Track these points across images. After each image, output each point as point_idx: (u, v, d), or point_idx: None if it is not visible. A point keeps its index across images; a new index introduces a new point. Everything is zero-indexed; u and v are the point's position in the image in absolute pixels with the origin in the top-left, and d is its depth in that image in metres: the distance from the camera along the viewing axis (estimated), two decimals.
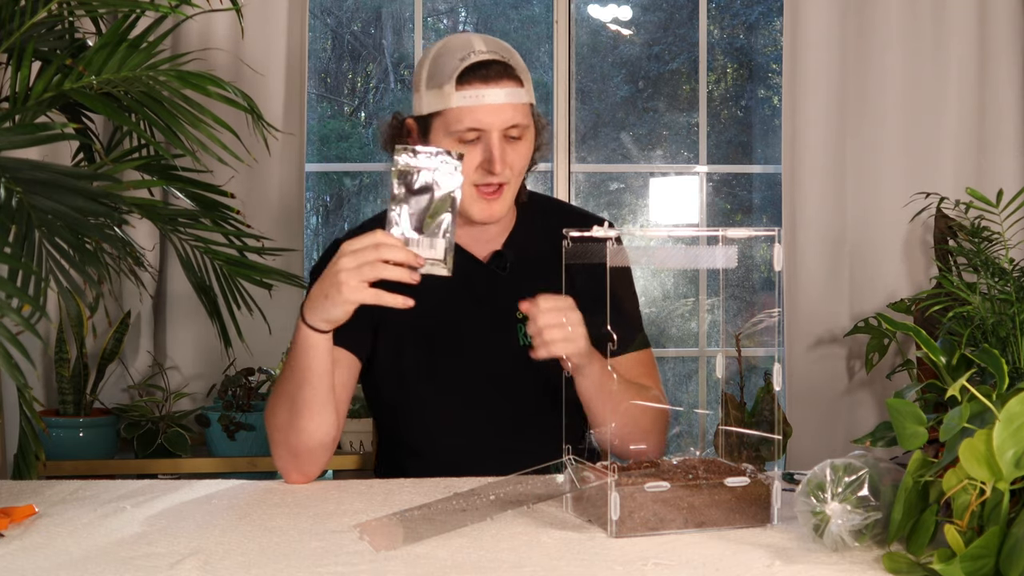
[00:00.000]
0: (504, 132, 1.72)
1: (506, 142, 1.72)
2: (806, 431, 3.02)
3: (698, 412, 3.18)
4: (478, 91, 1.70)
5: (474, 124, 1.70)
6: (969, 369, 1.37)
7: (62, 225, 1.51)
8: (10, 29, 1.90)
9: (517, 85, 1.72)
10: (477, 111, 1.70)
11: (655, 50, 3.91)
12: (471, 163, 1.72)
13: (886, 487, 1.23)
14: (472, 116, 1.70)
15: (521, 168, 1.76)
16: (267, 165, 2.89)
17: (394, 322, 1.77)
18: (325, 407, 1.63)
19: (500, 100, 1.70)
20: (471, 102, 1.70)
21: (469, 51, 1.72)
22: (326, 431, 1.64)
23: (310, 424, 1.63)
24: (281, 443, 1.66)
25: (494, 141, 1.71)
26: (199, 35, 2.92)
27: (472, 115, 1.70)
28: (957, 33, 3.06)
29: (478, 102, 1.70)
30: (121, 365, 2.91)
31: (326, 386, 1.62)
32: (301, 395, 1.62)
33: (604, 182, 3.85)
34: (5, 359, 1.31)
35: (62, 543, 1.28)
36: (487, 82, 1.70)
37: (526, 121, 1.74)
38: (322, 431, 1.64)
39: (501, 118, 1.71)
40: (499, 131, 1.71)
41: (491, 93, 1.70)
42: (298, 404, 1.63)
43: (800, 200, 3.07)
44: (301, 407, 1.62)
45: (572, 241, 1.45)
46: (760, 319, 1.63)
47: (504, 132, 1.72)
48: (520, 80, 1.73)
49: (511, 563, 1.19)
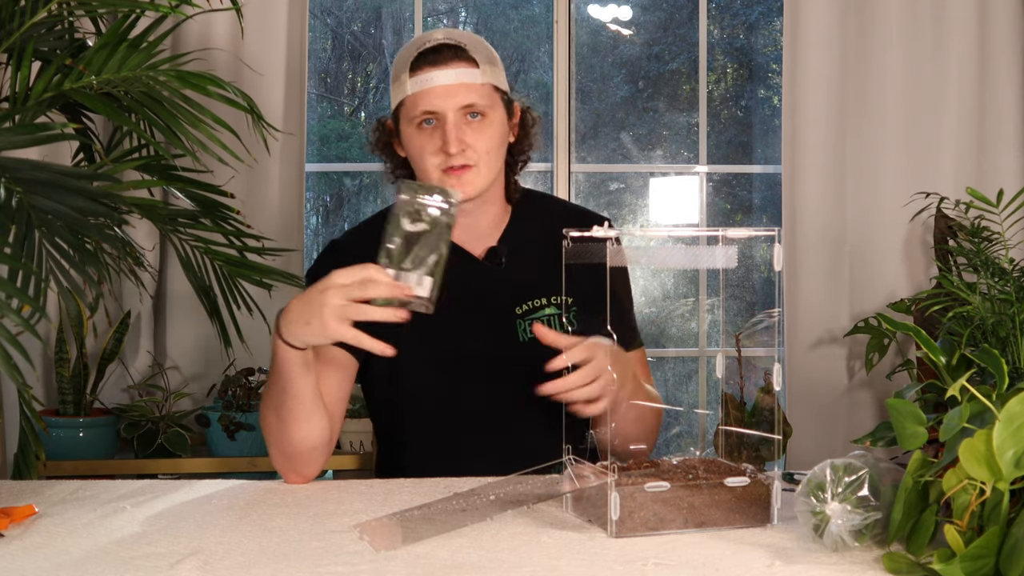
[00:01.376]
0: (462, 113, 1.72)
1: (465, 123, 1.73)
2: (806, 431, 3.02)
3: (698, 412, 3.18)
4: (428, 74, 1.72)
5: (427, 107, 1.72)
6: (969, 369, 1.37)
7: (62, 225, 1.51)
8: (10, 29, 1.90)
9: (470, 66, 1.73)
10: (429, 94, 1.72)
11: (655, 50, 3.91)
12: (430, 147, 1.73)
13: (886, 487, 1.23)
14: (425, 100, 1.72)
15: (487, 149, 1.75)
16: (267, 165, 2.89)
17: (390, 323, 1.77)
18: (313, 413, 1.63)
19: (450, 80, 1.71)
20: (422, 86, 1.72)
21: (426, 41, 1.74)
22: (317, 435, 1.64)
23: (300, 431, 1.63)
24: (275, 447, 1.66)
25: (448, 121, 1.71)
26: (199, 35, 2.92)
27: (425, 99, 1.72)
28: (957, 33, 3.06)
29: (429, 84, 1.71)
30: (121, 365, 2.91)
31: (309, 395, 1.62)
32: (286, 405, 1.62)
33: (604, 182, 3.85)
34: (5, 359, 1.31)
35: (62, 543, 1.28)
36: (436, 65, 1.72)
37: (485, 101, 1.74)
38: (313, 436, 1.64)
39: (454, 100, 1.71)
40: (453, 112, 1.72)
41: (440, 75, 1.71)
42: (283, 413, 1.63)
43: (800, 200, 3.07)
44: (287, 416, 1.62)
45: (572, 241, 1.45)
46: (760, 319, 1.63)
47: (462, 113, 1.72)
48: (474, 61, 1.74)
49: (511, 563, 1.19)
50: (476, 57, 1.74)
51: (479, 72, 1.74)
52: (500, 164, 1.81)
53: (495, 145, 1.77)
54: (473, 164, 1.74)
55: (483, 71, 1.74)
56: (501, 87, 1.79)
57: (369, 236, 1.82)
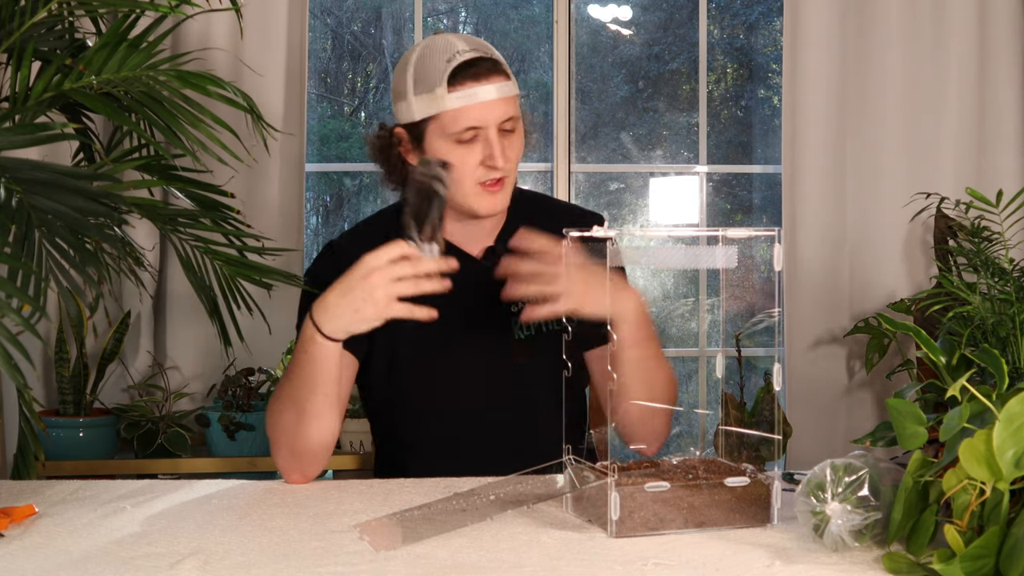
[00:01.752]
0: (500, 127, 1.73)
1: (502, 136, 1.74)
2: (806, 431, 3.02)
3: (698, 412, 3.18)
4: (471, 90, 1.70)
5: (471, 123, 1.71)
6: (969, 369, 1.37)
7: (62, 225, 1.51)
8: (10, 29, 1.90)
9: (506, 79, 1.74)
10: (473, 110, 1.71)
11: (655, 50, 3.91)
12: (471, 161, 1.72)
13: (886, 487, 1.23)
14: (469, 115, 1.71)
15: (517, 159, 1.78)
16: (267, 165, 2.89)
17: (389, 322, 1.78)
18: (332, 411, 1.65)
19: (493, 96, 1.71)
20: (466, 101, 1.71)
21: (454, 52, 1.72)
22: (330, 434, 1.66)
23: (318, 429, 1.64)
24: (284, 445, 1.66)
25: (493, 137, 1.71)
26: (199, 35, 2.92)
27: (468, 114, 1.71)
28: (957, 33, 3.06)
29: (473, 100, 1.71)
30: (121, 365, 2.91)
31: (335, 392, 1.64)
32: (312, 401, 1.62)
33: (604, 182, 3.85)
34: (5, 359, 1.31)
35: (62, 543, 1.28)
36: (479, 79, 1.71)
37: (517, 113, 1.76)
38: (326, 433, 1.65)
39: (495, 113, 1.72)
40: (495, 126, 1.72)
41: (484, 90, 1.71)
42: (307, 410, 1.63)
43: (800, 200, 3.07)
44: (311, 413, 1.63)
45: (572, 241, 1.45)
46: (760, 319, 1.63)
47: (500, 127, 1.73)
48: (507, 74, 1.75)
49: (511, 563, 1.19)
50: (507, 70, 1.75)
51: (512, 85, 1.75)
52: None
53: (520, 156, 1.80)
54: (506, 176, 1.75)
55: (513, 83, 1.76)
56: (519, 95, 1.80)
57: (367, 236, 1.82)
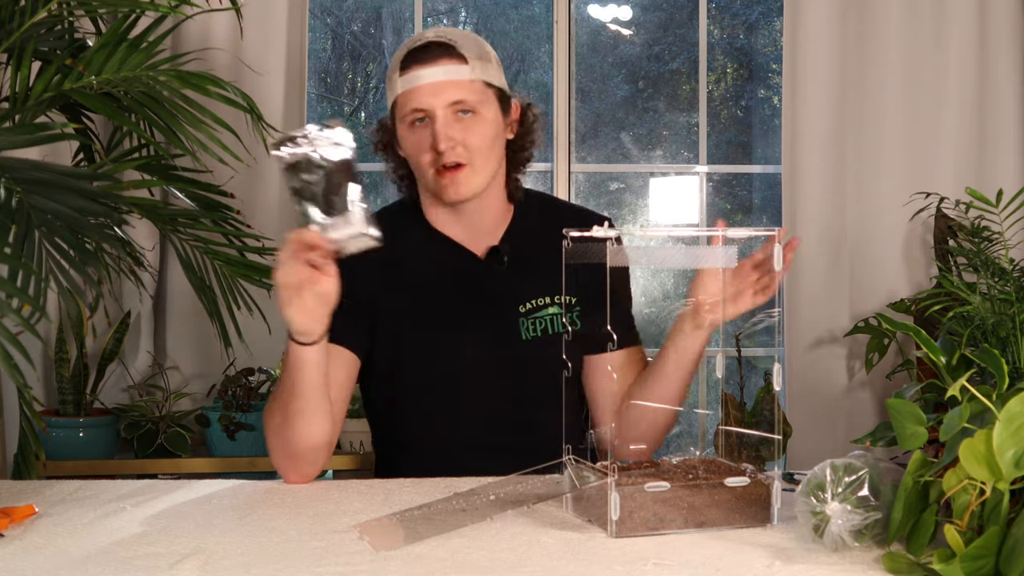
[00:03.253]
0: (452, 110, 1.72)
1: (455, 120, 1.72)
2: (806, 431, 3.01)
3: (698, 412, 3.18)
4: (416, 72, 1.72)
5: (416, 105, 1.72)
6: (969, 369, 1.37)
7: (62, 225, 1.51)
8: (10, 29, 1.90)
9: (458, 62, 1.72)
10: (417, 92, 1.72)
11: (655, 50, 3.91)
12: (424, 145, 1.73)
13: (886, 487, 1.23)
14: (414, 98, 1.72)
15: (479, 147, 1.74)
16: (267, 165, 2.89)
17: (391, 318, 1.77)
18: (317, 414, 1.62)
19: (438, 78, 1.71)
20: (411, 84, 1.72)
21: (416, 40, 1.75)
22: (320, 435, 1.64)
23: (303, 431, 1.63)
24: (277, 446, 1.66)
25: (438, 119, 1.71)
26: (199, 35, 2.91)
27: (414, 97, 1.72)
28: (957, 33, 3.06)
29: (416, 83, 1.72)
30: (121, 365, 2.91)
31: (318, 396, 1.61)
32: (293, 404, 1.61)
33: (604, 182, 3.85)
34: (5, 359, 1.31)
35: (62, 543, 1.28)
36: (424, 63, 1.72)
37: (476, 98, 1.73)
38: (315, 436, 1.63)
39: (441, 96, 1.71)
40: (443, 109, 1.71)
41: (428, 72, 1.71)
42: (290, 412, 1.62)
43: (800, 200, 3.07)
44: (294, 415, 1.62)
45: (572, 241, 1.45)
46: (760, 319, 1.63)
47: (452, 110, 1.72)
48: (463, 58, 1.73)
49: (511, 563, 1.19)
50: (465, 54, 1.73)
51: (468, 68, 1.73)
52: (496, 162, 1.80)
53: (487, 143, 1.75)
54: (466, 162, 1.73)
55: (472, 67, 1.73)
56: (495, 83, 1.77)
57: None
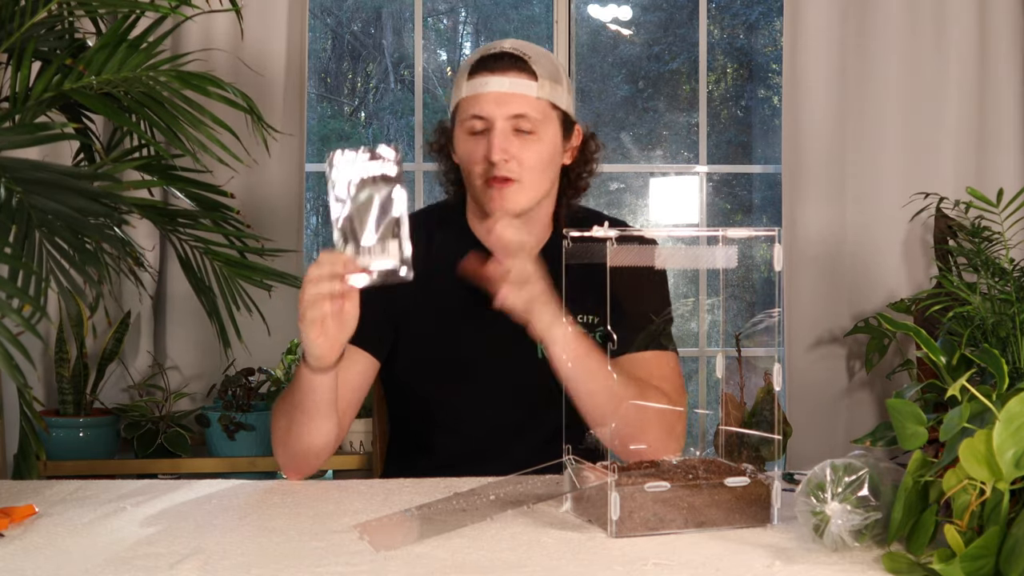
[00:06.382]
0: (512, 124, 1.70)
1: (514, 135, 1.70)
2: (806, 431, 3.02)
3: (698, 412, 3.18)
4: (484, 79, 1.70)
5: (478, 112, 1.70)
6: (969, 369, 1.37)
7: (62, 225, 1.51)
8: (10, 29, 1.90)
9: (528, 78, 1.70)
10: (481, 99, 1.70)
11: (655, 50, 3.91)
12: (478, 154, 1.71)
13: (886, 487, 1.23)
14: (476, 104, 1.70)
15: (532, 166, 1.71)
16: (267, 165, 2.89)
17: (414, 323, 1.77)
18: (324, 422, 1.63)
19: (503, 88, 1.69)
20: (475, 90, 1.70)
21: (491, 48, 1.72)
22: (324, 440, 1.65)
23: (307, 436, 1.64)
24: (280, 443, 1.67)
25: (496, 130, 1.69)
26: (199, 36, 2.92)
27: (476, 103, 1.70)
28: (957, 33, 3.06)
29: (482, 89, 1.70)
30: (121, 365, 2.91)
31: (325, 411, 1.62)
32: (299, 417, 1.62)
33: (604, 182, 3.85)
34: (5, 359, 1.31)
35: (62, 543, 1.28)
36: (494, 71, 1.70)
37: (538, 116, 1.71)
38: (320, 440, 1.64)
39: (504, 108, 1.69)
40: (503, 120, 1.69)
41: (495, 81, 1.69)
42: (295, 422, 1.63)
43: (800, 200, 3.07)
44: (299, 426, 1.63)
45: (572, 241, 1.45)
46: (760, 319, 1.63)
47: (512, 124, 1.70)
48: (534, 74, 1.70)
49: (511, 563, 1.19)
50: (537, 70, 1.70)
51: (536, 85, 1.70)
52: (548, 184, 1.77)
53: (542, 163, 1.73)
54: (516, 179, 1.70)
55: (541, 85, 1.70)
56: (561, 106, 1.74)
57: None
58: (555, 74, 1.74)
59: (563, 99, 1.75)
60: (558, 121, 1.75)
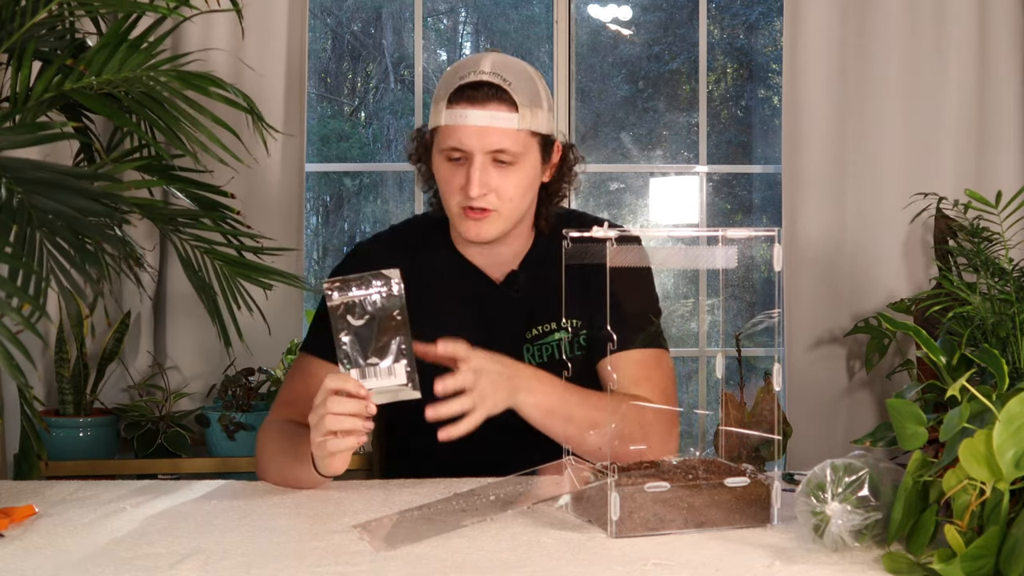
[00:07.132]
0: (491, 156, 1.68)
1: (493, 167, 1.69)
2: (806, 431, 3.02)
3: (698, 412, 3.18)
4: (463, 111, 1.68)
5: (456, 144, 1.68)
6: (969, 369, 1.37)
7: (62, 225, 1.51)
8: (10, 29, 1.90)
9: (508, 110, 1.68)
10: (459, 131, 1.68)
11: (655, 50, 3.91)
12: (456, 183, 1.70)
13: (886, 487, 1.23)
14: (455, 136, 1.68)
15: (511, 196, 1.71)
16: (267, 165, 2.90)
17: None
18: None
19: (482, 123, 1.67)
20: (455, 121, 1.68)
21: (472, 70, 1.69)
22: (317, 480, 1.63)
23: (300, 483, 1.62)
24: (266, 478, 1.67)
25: (474, 164, 1.68)
26: (199, 36, 2.92)
27: (455, 135, 1.68)
28: (957, 33, 3.06)
29: (460, 121, 1.68)
30: (121, 365, 2.91)
31: None
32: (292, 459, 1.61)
33: (604, 182, 3.85)
34: (5, 359, 1.31)
35: (62, 543, 1.28)
36: (473, 103, 1.67)
37: (518, 149, 1.69)
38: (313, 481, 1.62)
39: (483, 141, 1.67)
40: (482, 154, 1.68)
41: (474, 115, 1.67)
42: (286, 465, 1.62)
43: (800, 200, 3.07)
44: (292, 468, 1.62)
45: (572, 242, 1.45)
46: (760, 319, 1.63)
47: (491, 156, 1.68)
48: (514, 104, 1.68)
49: (511, 563, 1.19)
50: (517, 99, 1.68)
51: (517, 117, 1.68)
52: (526, 207, 1.77)
53: (521, 191, 1.73)
54: (493, 209, 1.70)
55: (522, 116, 1.69)
56: (541, 131, 1.73)
57: (390, 245, 1.83)
58: (535, 98, 1.71)
59: (543, 123, 1.73)
60: (538, 146, 1.74)
